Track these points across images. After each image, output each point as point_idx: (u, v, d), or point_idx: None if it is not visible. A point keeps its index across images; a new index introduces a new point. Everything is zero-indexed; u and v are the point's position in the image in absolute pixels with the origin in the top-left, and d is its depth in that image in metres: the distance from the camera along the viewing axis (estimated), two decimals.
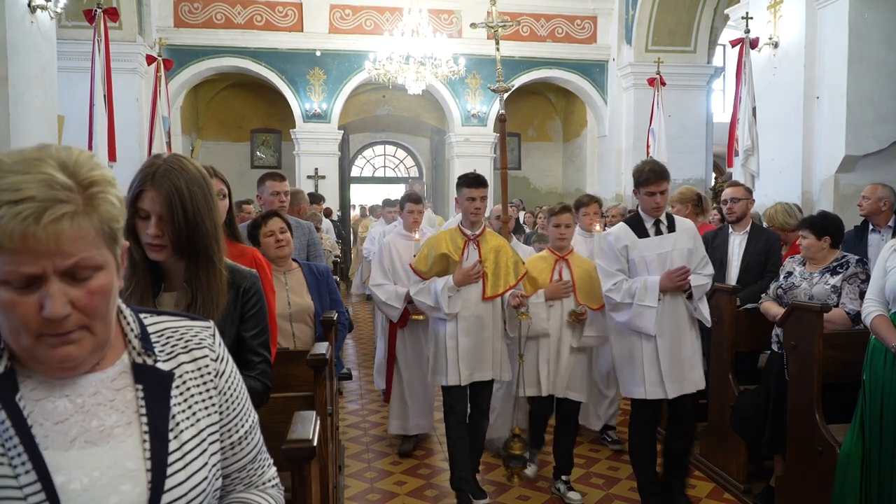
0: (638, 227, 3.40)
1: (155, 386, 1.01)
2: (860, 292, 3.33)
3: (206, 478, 1.02)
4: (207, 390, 1.06)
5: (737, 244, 4.38)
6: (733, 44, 7.41)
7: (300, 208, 4.86)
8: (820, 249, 3.56)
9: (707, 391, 3.82)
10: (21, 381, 0.93)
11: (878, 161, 6.21)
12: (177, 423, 1.00)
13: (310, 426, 1.60)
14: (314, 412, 1.71)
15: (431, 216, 9.96)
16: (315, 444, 1.56)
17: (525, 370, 3.65)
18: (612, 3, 11.66)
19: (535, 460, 4.16)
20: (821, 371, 3.16)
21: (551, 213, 3.86)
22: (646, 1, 10.46)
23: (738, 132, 7.26)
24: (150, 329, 1.05)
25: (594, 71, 12.12)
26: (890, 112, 6.15)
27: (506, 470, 3.78)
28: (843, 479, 2.91)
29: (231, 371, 1.12)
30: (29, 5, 5.57)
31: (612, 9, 11.70)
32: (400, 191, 13.15)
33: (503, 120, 4.35)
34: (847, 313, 3.39)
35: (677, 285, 3.27)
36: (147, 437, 0.97)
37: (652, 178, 3.29)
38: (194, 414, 1.03)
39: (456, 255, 3.56)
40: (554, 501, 3.77)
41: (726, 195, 4.47)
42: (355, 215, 14.87)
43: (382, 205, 8.02)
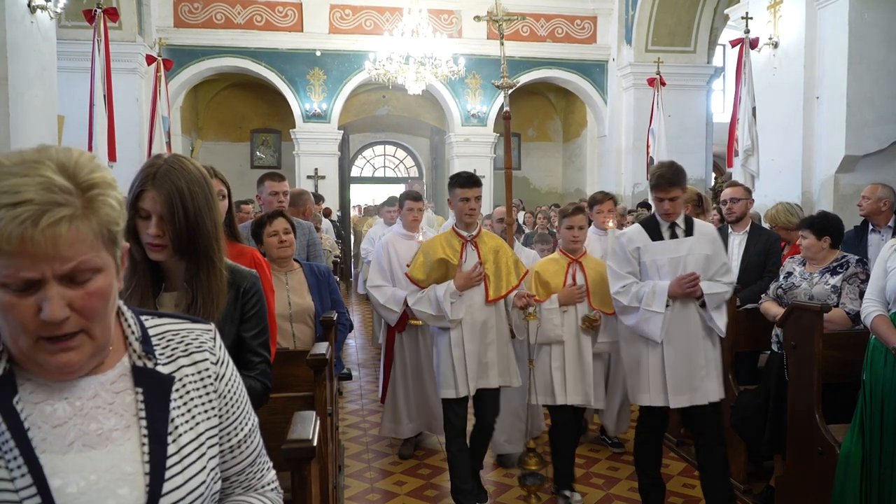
0: (653, 230, 3.27)
1: (155, 389, 1.00)
2: (860, 292, 3.33)
3: (205, 481, 1.01)
4: (207, 394, 1.06)
5: (736, 244, 4.37)
6: (733, 44, 7.40)
7: (306, 209, 4.80)
8: (820, 249, 3.56)
9: None
10: (20, 383, 0.93)
11: (878, 161, 6.21)
12: (176, 427, 1.00)
13: (310, 426, 1.60)
14: (314, 412, 1.71)
15: (431, 216, 9.94)
16: (315, 444, 1.56)
17: (536, 377, 3.52)
18: (612, 3, 11.65)
19: (574, 493, 3.69)
20: (821, 371, 3.16)
21: (563, 214, 3.71)
22: (646, 1, 10.46)
23: (738, 132, 7.26)
24: (150, 331, 1.05)
25: (594, 71, 12.12)
26: (890, 112, 6.14)
27: (521, 489, 3.65)
28: (843, 479, 2.91)
29: (231, 374, 1.12)
30: (29, 5, 5.56)
31: (612, 9, 11.69)
32: (401, 191, 13.11)
33: (508, 117, 4.22)
34: (847, 313, 3.39)
35: (686, 292, 3.12)
36: (146, 440, 0.96)
37: (661, 185, 3.17)
38: (193, 418, 1.03)
39: (455, 259, 3.41)
40: (554, 501, 3.76)
41: (726, 195, 4.47)
42: (355, 215, 14.87)
43: (384, 203, 7.97)
